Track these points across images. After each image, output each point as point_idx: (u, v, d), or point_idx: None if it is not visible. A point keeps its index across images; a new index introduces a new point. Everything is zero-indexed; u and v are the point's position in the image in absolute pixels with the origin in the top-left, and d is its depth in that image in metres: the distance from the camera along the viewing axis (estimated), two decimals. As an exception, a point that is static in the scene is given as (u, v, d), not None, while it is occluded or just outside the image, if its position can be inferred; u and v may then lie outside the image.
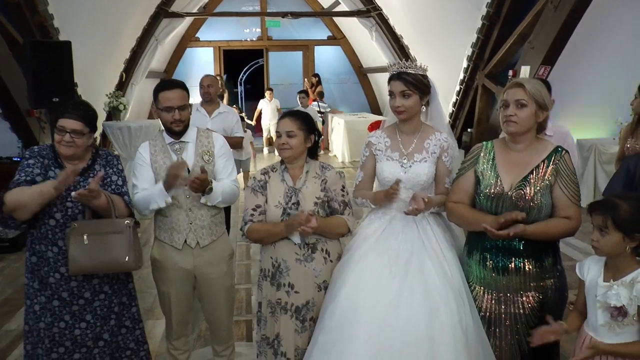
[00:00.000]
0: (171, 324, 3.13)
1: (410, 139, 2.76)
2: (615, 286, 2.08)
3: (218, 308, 3.14)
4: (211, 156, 3.02)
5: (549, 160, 2.44)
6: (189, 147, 3.01)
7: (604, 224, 2.08)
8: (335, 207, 2.77)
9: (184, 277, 3.02)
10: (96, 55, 8.10)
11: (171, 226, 2.96)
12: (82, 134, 2.70)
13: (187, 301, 3.12)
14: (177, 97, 2.91)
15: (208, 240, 3.01)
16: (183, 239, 2.96)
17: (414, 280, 2.52)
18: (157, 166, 2.96)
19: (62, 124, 2.68)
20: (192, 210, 2.95)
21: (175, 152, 2.99)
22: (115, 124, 7.83)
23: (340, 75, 15.09)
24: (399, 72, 2.68)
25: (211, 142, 3.06)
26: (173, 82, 3.03)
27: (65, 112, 2.71)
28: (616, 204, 2.08)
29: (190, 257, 2.99)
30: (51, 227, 2.73)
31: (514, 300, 2.49)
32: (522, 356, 2.51)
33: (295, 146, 2.72)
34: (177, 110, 2.91)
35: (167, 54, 13.25)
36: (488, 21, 8.61)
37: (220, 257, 3.08)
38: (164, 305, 3.13)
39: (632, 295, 2.05)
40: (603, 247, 2.12)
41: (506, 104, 2.45)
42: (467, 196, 2.58)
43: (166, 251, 2.99)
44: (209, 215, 3.00)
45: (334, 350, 2.46)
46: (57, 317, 2.77)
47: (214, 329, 3.24)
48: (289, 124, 2.72)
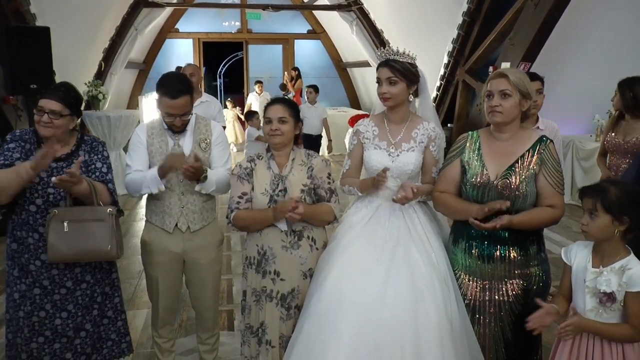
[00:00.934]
0: (157, 311, 3.11)
1: (398, 128, 2.76)
2: (605, 272, 2.12)
3: (205, 294, 3.13)
4: (208, 144, 3.01)
5: (534, 150, 2.47)
6: (187, 134, 2.99)
7: (594, 207, 2.12)
8: (322, 194, 2.77)
9: (173, 260, 3.00)
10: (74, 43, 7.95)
11: (163, 209, 2.94)
12: (60, 115, 2.65)
13: (174, 287, 3.10)
14: (180, 106, 2.83)
15: (199, 225, 2.99)
16: (174, 222, 2.94)
17: (400, 268, 2.53)
18: (152, 149, 2.94)
19: (41, 104, 2.64)
20: (184, 194, 2.93)
21: (172, 137, 2.97)
22: (95, 114, 7.72)
23: (319, 70, 15.07)
24: (387, 59, 2.69)
25: (209, 130, 3.04)
26: (177, 90, 2.82)
27: (45, 93, 2.67)
28: (606, 187, 2.12)
29: (180, 241, 2.97)
30: (32, 213, 2.68)
31: (498, 287, 2.51)
32: (506, 343, 2.54)
33: (287, 132, 2.72)
34: (179, 117, 2.87)
35: (147, 44, 13.08)
36: (469, 17, 8.68)
37: (210, 243, 3.06)
38: (151, 290, 3.11)
39: (622, 281, 2.09)
40: (593, 230, 2.15)
41: (490, 94, 2.47)
42: (454, 185, 2.60)
43: (156, 234, 2.97)
44: (201, 201, 2.98)
45: (319, 338, 2.46)
46: (37, 306, 2.72)
47: (200, 316, 3.22)
48: (280, 110, 2.72)
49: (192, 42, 14.36)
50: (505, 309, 2.52)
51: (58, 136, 2.69)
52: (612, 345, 2.13)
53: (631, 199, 2.09)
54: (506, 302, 2.51)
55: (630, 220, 2.10)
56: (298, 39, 14.94)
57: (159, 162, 2.88)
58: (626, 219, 2.10)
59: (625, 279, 2.08)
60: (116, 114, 7.99)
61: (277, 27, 14.68)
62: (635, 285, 2.07)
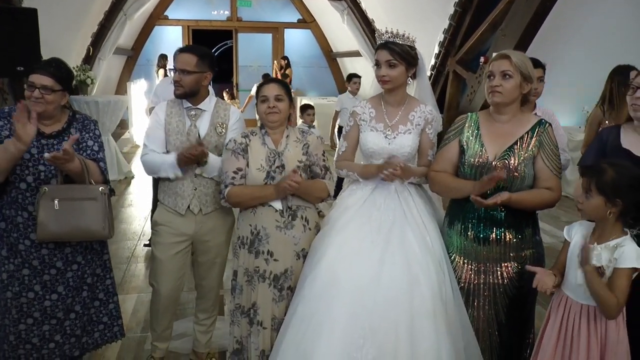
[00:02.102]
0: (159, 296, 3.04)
1: (395, 110, 2.75)
2: (598, 248, 2.13)
3: (211, 276, 3.13)
4: (224, 129, 2.98)
5: (533, 132, 2.48)
6: (205, 116, 2.97)
7: (589, 186, 2.13)
8: (317, 171, 2.78)
9: (183, 242, 2.98)
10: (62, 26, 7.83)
11: (175, 191, 2.93)
12: (52, 90, 2.59)
13: (178, 272, 3.04)
14: (183, 60, 2.88)
15: (211, 208, 2.97)
16: (186, 204, 2.92)
17: (395, 251, 2.52)
18: (170, 127, 2.93)
19: (32, 79, 2.58)
20: (197, 176, 2.91)
21: (190, 117, 2.95)
22: (83, 99, 7.61)
23: (309, 59, 15.02)
24: (386, 41, 2.66)
25: (227, 115, 3.02)
26: (188, 47, 3.02)
27: (36, 68, 2.61)
28: (603, 169, 2.12)
29: (192, 223, 2.96)
30: (22, 191, 2.63)
31: (493, 270, 2.52)
32: (499, 326, 2.56)
33: (283, 110, 2.71)
34: (178, 72, 2.88)
35: (135, 31, 12.95)
36: (460, 8, 8.68)
37: (221, 226, 3.05)
38: (155, 273, 3.04)
39: (613, 257, 2.10)
40: (586, 209, 2.17)
41: (491, 74, 2.47)
42: (451, 165, 2.59)
43: (168, 216, 2.96)
44: (214, 183, 2.95)
45: (313, 319, 2.45)
46: (25, 287, 2.68)
47: (202, 297, 3.21)
48: (276, 88, 2.71)
49: (181, 30, 14.22)
50: (499, 292, 2.53)
51: (49, 112, 2.64)
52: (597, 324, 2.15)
53: (627, 183, 2.09)
54: (500, 285, 2.52)
55: (624, 203, 2.10)
56: (288, 28, 14.86)
57: (175, 140, 2.90)
58: (619, 202, 2.10)
59: (617, 255, 2.10)
60: (104, 99, 7.89)
61: (267, 15, 14.59)
62: (625, 262, 2.08)
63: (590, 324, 2.16)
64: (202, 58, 2.90)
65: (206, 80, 2.95)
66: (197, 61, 2.88)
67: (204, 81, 2.94)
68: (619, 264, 2.09)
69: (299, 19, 14.80)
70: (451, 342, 2.39)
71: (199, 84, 2.92)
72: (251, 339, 2.72)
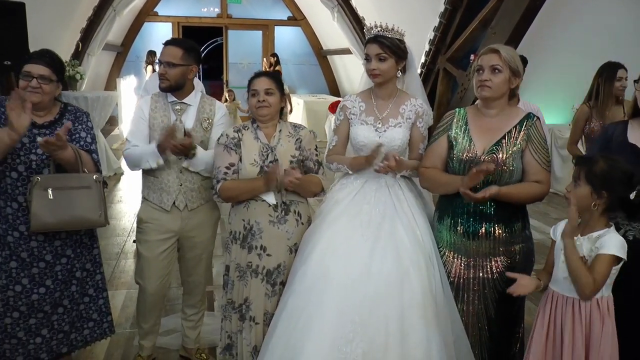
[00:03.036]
0: (145, 294, 3.02)
1: (386, 103, 2.74)
2: (580, 239, 2.15)
3: (197, 272, 3.11)
4: (210, 124, 2.96)
5: (521, 126, 2.48)
6: (190, 110, 2.94)
7: (578, 175, 2.15)
8: (310, 166, 2.77)
9: (168, 239, 2.95)
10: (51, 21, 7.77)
11: (161, 187, 2.89)
12: (50, 80, 2.58)
13: (164, 269, 3.01)
14: (167, 53, 2.85)
15: (197, 204, 2.95)
16: (172, 200, 2.89)
17: (386, 244, 2.52)
18: (154, 122, 2.89)
19: (28, 69, 2.55)
20: (182, 172, 2.88)
21: (175, 112, 2.92)
22: (72, 94, 7.54)
23: (299, 57, 15.01)
24: (376, 35, 2.66)
25: (213, 110, 3.00)
26: (173, 39, 2.99)
27: (31, 59, 2.59)
28: (596, 160, 2.14)
29: (178, 219, 2.93)
30: (12, 181, 2.60)
31: (482, 265, 2.53)
32: (489, 321, 2.56)
33: (274, 104, 2.69)
34: (164, 65, 2.85)
35: (125, 27, 12.88)
36: (451, 6, 8.71)
37: (207, 221, 3.03)
38: (141, 271, 3.01)
39: (594, 246, 2.12)
40: (572, 197, 2.17)
41: (481, 69, 2.47)
42: (440, 161, 2.59)
43: (153, 212, 2.92)
44: (200, 179, 2.93)
45: (303, 314, 2.44)
46: (12, 280, 2.64)
47: (189, 293, 3.19)
48: (267, 82, 2.69)
49: (171, 26, 14.15)
50: (489, 287, 2.54)
51: (45, 103, 2.63)
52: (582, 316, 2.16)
53: (616, 176, 2.10)
54: (490, 279, 2.53)
55: (609, 196, 2.11)
56: (278, 25, 14.83)
57: (159, 136, 2.84)
58: (605, 194, 2.11)
59: (598, 244, 2.11)
60: (94, 94, 7.84)
61: (257, 12, 14.56)
62: (604, 248, 2.09)
63: (575, 315, 2.17)
64: (188, 51, 2.87)
65: (192, 74, 2.92)
66: (183, 54, 2.85)
67: (189, 74, 2.91)
68: (600, 250, 2.10)
69: (289, 17, 14.78)
70: (441, 336, 2.39)
71: (185, 77, 2.89)
72: (243, 335, 2.71)
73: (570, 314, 2.18)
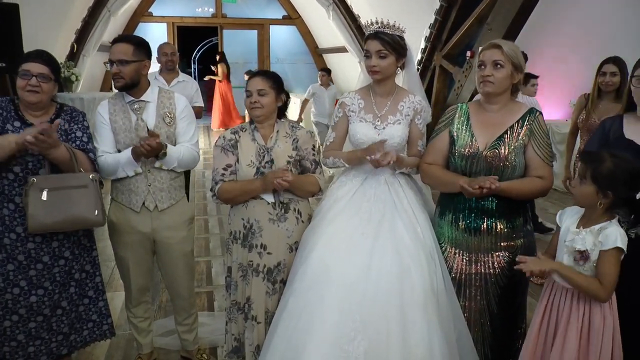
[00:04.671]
0: (130, 290, 3.04)
1: (384, 100, 2.73)
2: (583, 232, 2.15)
3: (178, 274, 3.05)
4: (173, 118, 2.91)
5: (523, 121, 2.47)
6: (150, 107, 2.88)
7: (584, 173, 2.13)
8: (307, 165, 2.76)
9: (142, 240, 2.92)
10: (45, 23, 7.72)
11: (129, 188, 2.85)
12: (49, 79, 2.57)
13: (145, 266, 3.02)
14: (117, 51, 2.77)
15: (167, 204, 2.91)
16: (141, 201, 2.85)
17: (386, 242, 2.50)
18: (116, 126, 2.82)
19: (27, 68, 2.54)
20: (151, 172, 2.85)
21: (134, 111, 2.86)
22: (67, 95, 7.52)
23: (295, 56, 14.99)
24: (376, 31, 2.64)
25: (173, 104, 2.94)
26: (121, 36, 2.92)
27: (28, 58, 2.57)
28: (603, 158, 2.11)
29: (148, 220, 2.89)
30: (9, 182, 2.58)
31: (484, 260, 2.52)
32: (491, 317, 2.55)
33: (267, 105, 2.67)
34: (116, 63, 2.77)
35: (119, 28, 12.79)
36: (446, 2, 8.69)
37: (179, 221, 2.98)
38: (122, 270, 3.02)
39: (597, 240, 2.11)
40: (577, 194, 2.18)
41: (483, 64, 2.46)
42: (442, 157, 2.59)
43: (124, 214, 2.88)
44: (169, 179, 2.90)
45: (304, 312, 2.42)
46: (10, 283, 2.62)
47: (175, 297, 3.14)
48: (260, 83, 2.67)
49: (166, 27, 14.11)
50: (491, 282, 2.53)
51: (43, 103, 2.61)
52: (580, 308, 2.16)
53: (622, 177, 2.08)
54: (492, 275, 2.52)
55: (614, 196, 2.10)
56: (273, 24, 14.81)
57: (124, 139, 2.81)
58: (610, 194, 2.10)
59: (601, 238, 2.10)
60: (90, 95, 7.81)
61: (252, 12, 14.53)
62: (608, 243, 2.08)
63: (572, 306, 2.18)
64: (138, 46, 2.81)
65: (145, 69, 2.86)
66: (134, 50, 2.79)
67: (143, 70, 2.85)
68: (603, 246, 2.09)
69: (284, 15, 14.75)
70: (443, 332, 2.38)
71: (139, 74, 2.83)
72: (246, 335, 2.70)
73: (567, 306, 2.19)
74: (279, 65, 14.38)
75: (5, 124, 2.57)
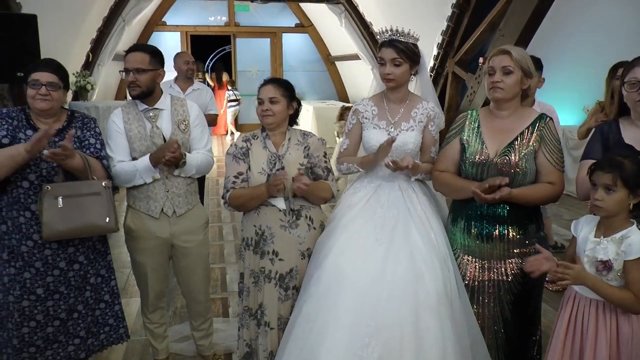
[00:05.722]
0: (147, 296, 3.07)
1: (398, 107, 2.74)
2: (604, 241, 2.12)
3: (195, 278, 3.09)
4: (187, 125, 2.95)
5: (534, 127, 2.47)
6: (164, 115, 2.92)
7: (613, 182, 2.07)
8: (319, 173, 2.77)
9: (161, 246, 2.96)
10: (61, 33, 7.82)
11: (147, 194, 2.89)
12: (58, 87, 2.62)
13: (162, 271, 3.06)
14: (133, 59, 2.82)
15: (184, 209, 2.96)
16: (160, 207, 2.89)
17: (400, 248, 2.51)
18: (131, 134, 2.86)
19: (36, 77, 2.59)
20: (169, 178, 2.89)
21: (149, 119, 2.90)
22: (83, 104, 7.60)
23: (308, 64, 15.03)
24: (390, 39, 2.65)
25: (186, 111, 2.98)
26: (136, 45, 2.97)
27: (37, 67, 2.62)
28: (621, 161, 2.08)
29: (167, 225, 2.93)
30: (24, 190, 2.62)
31: (497, 267, 2.51)
32: (505, 324, 2.54)
33: (278, 112, 2.69)
34: (132, 72, 2.81)
35: (133, 37, 12.93)
36: (458, 9, 8.67)
37: (196, 225, 3.03)
38: (139, 276, 3.06)
39: (620, 250, 2.08)
40: (608, 205, 2.10)
41: (492, 70, 2.46)
42: (453, 164, 2.59)
43: (142, 220, 2.92)
44: (185, 184, 2.95)
45: (318, 318, 2.44)
46: (27, 291, 2.66)
47: (192, 302, 3.17)
48: (271, 91, 2.69)
49: (179, 36, 14.23)
50: (504, 289, 2.52)
51: (54, 110, 2.66)
52: (607, 318, 2.12)
53: None
54: (505, 281, 2.51)
55: None
56: (286, 32, 14.87)
57: (140, 147, 2.84)
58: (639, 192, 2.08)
59: (624, 248, 2.07)
60: (105, 104, 7.88)
61: (265, 20, 14.60)
62: (633, 253, 2.05)
63: (599, 317, 2.13)
64: (153, 55, 2.86)
65: (160, 78, 2.91)
66: (150, 58, 2.83)
67: (158, 78, 2.90)
68: (628, 256, 2.06)
69: (297, 24, 14.82)
70: (457, 339, 2.38)
71: (154, 82, 2.88)
72: (259, 341, 2.71)
73: (594, 316, 2.14)
74: (291, 73, 14.43)
75: (17, 133, 2.62)
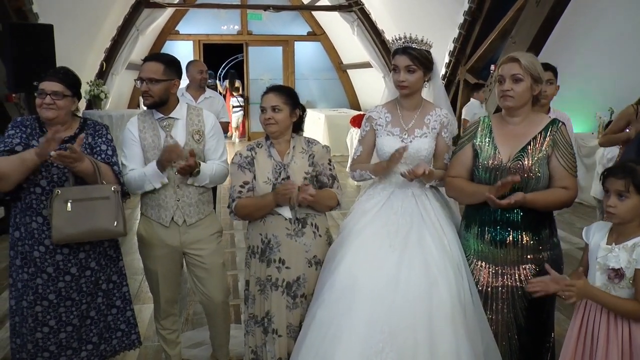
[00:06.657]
0: (159, 302, 3.08)
1: (411, 114, 2.75)
2: (616, 249, 2.11)
3: (210, 287, 3.06)
4: (202, 136, 2.95)
5: (546, 132, 2.47)
6: (179, 124, 2.92)
7: (626, 188, 2.06)
8: (325, 180, 2.76)
9: (171, 253, 2.97)
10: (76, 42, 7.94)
11: (158, 203, 2.90)
12: (62, 96, 2.65)
13: (174, 279, 3.07)
14: (148, 69, 2.83)
15: (195, 219, 2.95)
16: (170, 216, 2.90)
17: (413, 254, 2.51)
18: (145, 143, 2.87)
19: (42, 87, 2.64)
20: (180, 187, 2.89)
21: (163, 128, 2.90)
22: (96, 113, 7.71)
23: (320, 72, 15.07)
24: (404, 46, 2.65)
25: (202, 121, 2.97)
26: (152, 55, 2.98)
27: (45, 76, 2.67)
28: (633, 167, 2.07)
29: (177, 234, 2.93)
30: (37, 196, 2.66)
31: (511, 273, 2.50)
32: (518, 330, 2.53)
33: (281, 120, 2.68)
34: (146, 82, 2.83)
35: (147, 46, 13.07)
36: (470, 17, 8.70)
37: (206, 235, 3.00)
38: (151, 282, 3.07)
39: (632, 258, 2.07)
40: (621, 211, 2.09)
41: (502, 79, 2.46)
42: (466, 170, 2.59)
43: (153, 228, 2.93)
44: (197, 193, 2.94)
45: (332, 324, 2.43)
46: (39, 296, 2.69)
47: (210, 312, 3.15)
48: (274, 99, 2.68)
49: (192, 45, 14.34)
50: (517, 295, 2.51)
51: (61, 118, 2.69)
52: (618, 326, 2.10)
53: None
54: (519, 287, 2.50)
55: None
56: (298, 40, 14.94)
57: (153, 156, 2.84)
58: None
59: (635, 256, 2.06)
60: (118, 112, 8.00)
61: (277, 29, 14.67)
62: None
63: (610, 326, 2.12)
64: (168, 65, 2.85)
65: (175, 88, 2.90)
66: (164, 69, 2.83)
67: (172, 89, 2.89)
68: (639, 264, 2.05)
69: (309, 32, 14.88)
70: (470, 345, 2.37)
71: (168, 92, 2.87)
72: (267, 348, 2.71)
73: (605, 324, 2.12)
74: (303, 81, 14.47)
75: (30, 140, 2.66)
